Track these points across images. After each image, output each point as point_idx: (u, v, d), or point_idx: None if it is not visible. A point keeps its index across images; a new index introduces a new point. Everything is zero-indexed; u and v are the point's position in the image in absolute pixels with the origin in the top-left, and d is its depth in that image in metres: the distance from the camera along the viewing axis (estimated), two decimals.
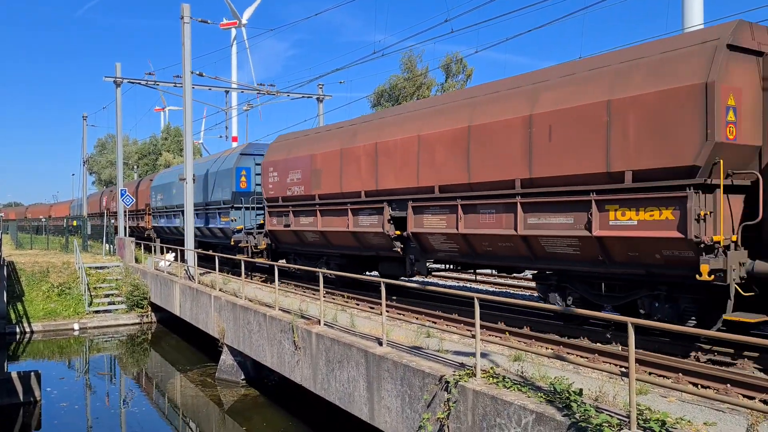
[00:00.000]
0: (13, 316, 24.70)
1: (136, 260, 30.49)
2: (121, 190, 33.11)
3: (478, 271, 15.90)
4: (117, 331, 25.65)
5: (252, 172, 23.63)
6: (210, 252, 22.30)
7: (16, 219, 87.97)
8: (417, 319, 13.34)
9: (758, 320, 8.63)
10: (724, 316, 8.80)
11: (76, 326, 25.45)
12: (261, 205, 21.43)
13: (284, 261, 20.65)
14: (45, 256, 34.42)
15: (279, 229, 19.44)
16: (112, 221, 37.58)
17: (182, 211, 26.18)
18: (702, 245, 8.59)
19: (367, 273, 18.11)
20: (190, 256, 22.27)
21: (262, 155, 21.65)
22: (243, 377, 16.83)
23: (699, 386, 7.84)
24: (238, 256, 19.89)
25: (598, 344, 10.09)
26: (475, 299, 8.28)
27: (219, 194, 24.68)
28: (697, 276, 8.59)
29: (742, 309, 9.02)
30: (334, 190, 16.56)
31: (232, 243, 22.75)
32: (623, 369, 8.42)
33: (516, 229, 11.14)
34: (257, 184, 22.59)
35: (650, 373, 8.50)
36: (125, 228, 33.89)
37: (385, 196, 14.68)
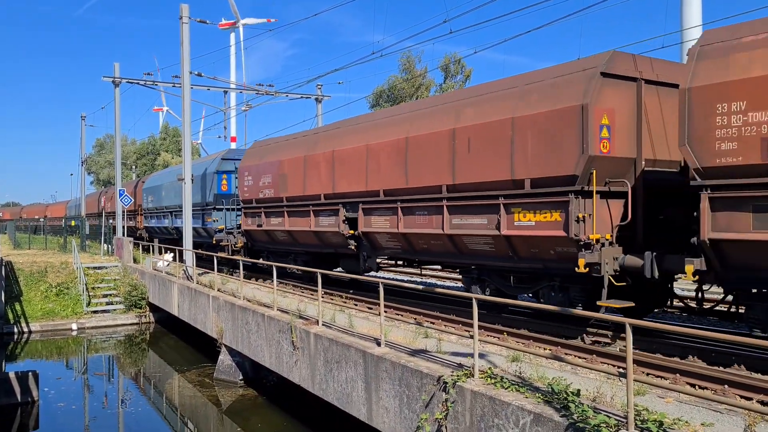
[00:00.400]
0: (11, 316, 24.68)
1: (135, 260, 30.48)
2: (120, 190, 33.08)
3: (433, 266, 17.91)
4: (115, 331, 25.64)
5: (232, 176, 25.67)
6: (207, 252, 22.53)
7: (11, 219, 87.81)
8: (415, 319, 13.35)
9: (624, 305, 9.81)
10: (598, 303, 10.00)
11: (74, 326, 25.43)
12: (240, 207, 23.12)
13: (261, 258, 22.25)
14: (43, 255, 34.39)
15: (253, 229, 21.10)
16: (111, 221, 37.62)
17: (171, 212, 29.96)
18: (581, 242, 10.06)
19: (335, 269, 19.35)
20: (189, 256, 22.26)
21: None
22: (241, 377, 16.82)
23: (696, 387, 7.86)
24: (220, 254, 21.28)
25: (596, 345, 10.12)
26: (473, 300, 8.30)
27: (197, 198, 26.60)
28: (576, 269, 10.02)
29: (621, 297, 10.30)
30: (299, 193, 18.26)
31: (214, 242, 24.72)
32: (621, 370, 8.43)
33: (443, 229, 12.73)
34: (237, 187, 24.01)
35: (648, 374, 8.52)
36: (123, 228, 33.87)
37: (341, 199, 16.32)
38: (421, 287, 11.06)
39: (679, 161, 10.45)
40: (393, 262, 17.08)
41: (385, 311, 11.78)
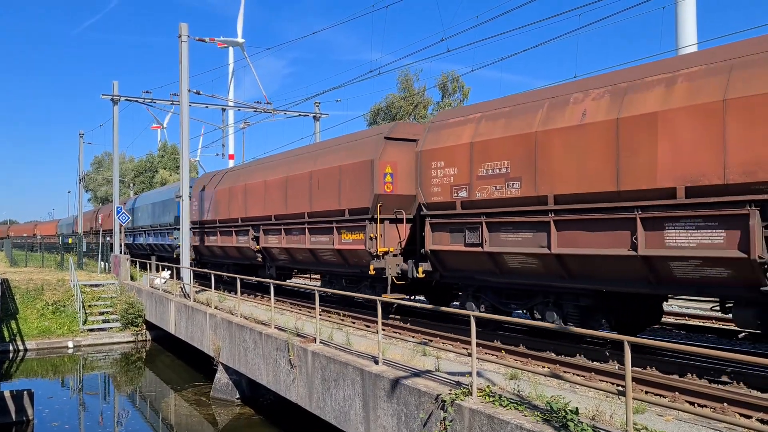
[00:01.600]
0: (6, 333, 24.53)
1: (132, 278, 30.39)
2: (117, 207, 33.07)
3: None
4: (111, 349, 25.49)
5: None
6: (202, 269, 22.69)
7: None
8: (413, 337, 13.31)
9: (398, 299, 13.77)
10: (383, 296, 13.57)
11: (70, 344, 25.28)
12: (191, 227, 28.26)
13: (207, 268, 26.54)
14: (40, 273, 34.27)
15: (198, 245, 26.42)
16: (108, 238, 37.64)
17: (144, 231, 36.30)
18: (372, 254, 14.74)
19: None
20: (186, 273, 22.21)
21: None
22: (238, 396, 16.71)
23: (696, 405, 7.83)
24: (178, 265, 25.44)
25: (595, 363, 10.08)
26: (471, 317, 8.27)
27: (165, 218, 32.20)
28: (369, 272, 14.90)
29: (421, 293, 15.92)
30: (227, 217, 23.26)
31: (175, 256, 28.65)
32: (620, 387, 8.39)
33: (305, 244, 17.58)
34: None
35: (647, 392, 8.48)
36: (121, 245, 33.82)
37: (251, 222, 21.15)
38: (419, 305, 11.06)
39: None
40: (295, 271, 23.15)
41: (383, 329, 11.78)
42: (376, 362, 10.14)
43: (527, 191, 11.00)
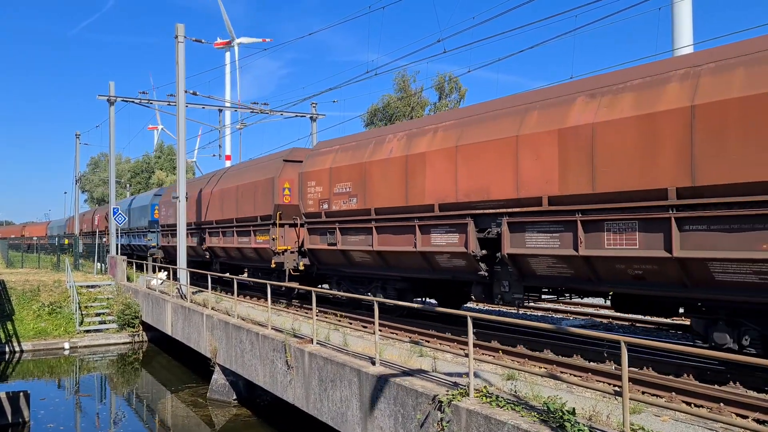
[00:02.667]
0: (2, 335, 24.46)
1: (128, 279, 30.32)
2: (114, 208, 33.01)
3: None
4: (108, 351, 25.43)
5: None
6: (199, 270, 22.62)
7: None
8: (410, 338, 13.31)
9: (294, 285, 16.09)
10: (284, 284, 15.92)
11: (66, 345, 25.22)
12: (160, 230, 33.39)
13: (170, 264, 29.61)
14: (36, 274, 34.18)
15: (165, 245, 31.35)
16: (104, 239, 37.60)
17: (125, 233, 39.90)
18: (275, 251, 19.03)
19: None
20: (182, 275, 22.17)
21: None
22: (235, 397, 16.68)
23: (692, 405, 7.84)
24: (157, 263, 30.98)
25: (592, 363, 10.09)
26: (468, 318, 8.28)
27: (141, 222, 37.28)
28: (271, 266, 19.44)
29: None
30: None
31: (149, 255, 32.97)
32: (617, 388, 8.41)
33: (233, 244, 22.42)
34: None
35: (643, 392, 8.49)
36: (117, 246, 33.76)
37: (205, 226, 25.64)
38: (415, 305, 11.09)
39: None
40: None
41: (380, 330, 11.79)
42: (373, 363, 10.13)
43: (361, 205, 15.20)
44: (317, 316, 12.95)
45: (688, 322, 14.89)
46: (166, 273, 26.55)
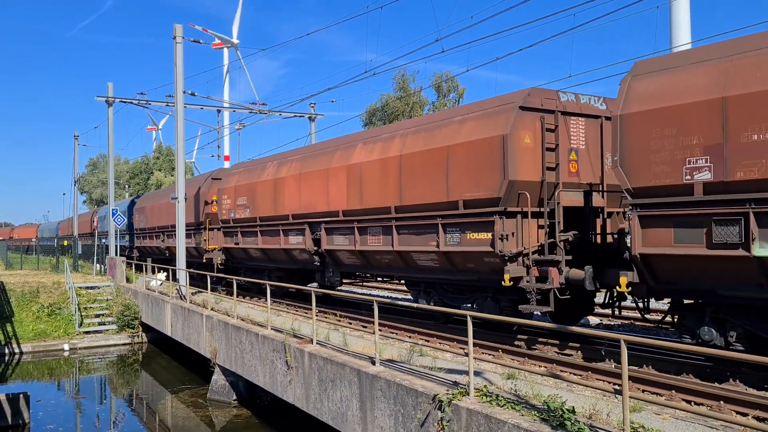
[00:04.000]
0: (1, 336, 24.43)
1: (127, 280, 30.30)
2: (113, 209, 33.00)
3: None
4: (107, 352, 25.42)
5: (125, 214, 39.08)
6: (204, 272, 22.62)
7: None
8: (410, 337, 13.31)
9: (205, 273, 19.99)
10: (210, 274, 19.41)
11: (66, 347, 25.20)
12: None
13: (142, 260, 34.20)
14: (35, 276, 34.15)
15: (137, 245, 37.24)
16: (103, 240, 37.64)
17: (104, 234, 43.16)
18: (206, 249, 23.63)
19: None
20: (182, 275, 22.16)
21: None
22: (235, 397, 16.68)
23: (692, 403, 7.84)
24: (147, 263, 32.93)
25: (592, 362, 10.10)
26: (468, 317, 8.28)
27: (123, 224, 39.07)
28: (203, 261, 24.41)
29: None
30: (151, 225, 33.65)
31: (127, 254, 38.05)
32: (617, 386, 8.41)
33: (163, 243, 30.22)
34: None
35: (643, 390, 8.49)
36: (117, 247, 33.75)
37: (160, 230, 31.53)
38: (415, 305, 11.11)
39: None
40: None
41: (380, 329, 11.80)
42: (373, 363, 10.13)
43: (252, 214, 20.50)
44: (316, 316, 12.95)
45: None
46: (165, 274, 26.53)
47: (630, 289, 9.56)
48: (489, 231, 11.42)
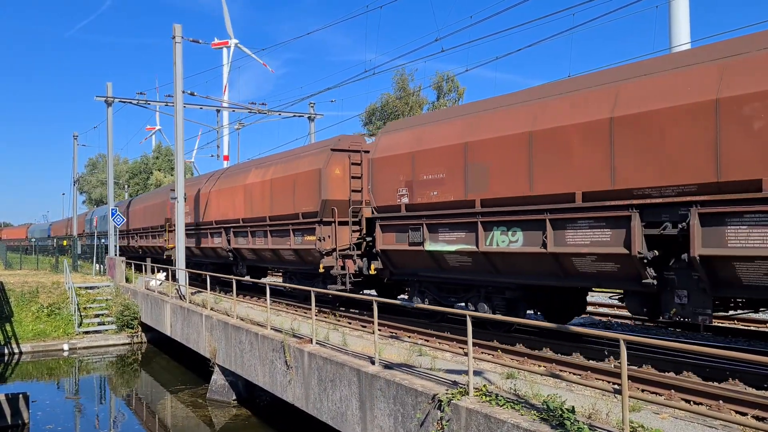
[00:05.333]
0: (1, 336, 24.43)
1: (127, 280, 30.30)
2: (112, 209, 32.99)
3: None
4: (107, 352, 25.41)
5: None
6: (202, 272, 22.62)
7: None
8: (409, 337, 13.31)
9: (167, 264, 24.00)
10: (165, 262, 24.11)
11: (65, 347, 25.19)
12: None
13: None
14: (35, 276, 34.13)
15: (124, 245, 39.38)
16: (103, 240, 37.69)
17: (97, 236, 44.58)
18: (166, 249, 28.39)
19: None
20: (181, 275, 22.16)
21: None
22: (234, 397, 16.67)
23: (692, 403, 7.84)
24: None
25: (592, 361, 10.10)
26: (468, 317, 8.28)
27: (107, 227, 41.31)
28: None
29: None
30: (138, 227, 36.38)
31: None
32: (616, 386, 8.41)
33: (137, 243, 37.04)
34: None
35: (643, 390, 8.48)
36: (116, 247, 33.75)
37: (136, 231, 36.17)
38: (415, 305, 11.14)
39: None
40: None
41: (379, 329, 11.82)
42: (373, 362, 10.13)
43: (194, 220, 25.15)
44: (316, 315, 12.94)
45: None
46: (165, 274, 26.54)
47: (377, 272, 15.16)
48: (314, 234, 16.58)
